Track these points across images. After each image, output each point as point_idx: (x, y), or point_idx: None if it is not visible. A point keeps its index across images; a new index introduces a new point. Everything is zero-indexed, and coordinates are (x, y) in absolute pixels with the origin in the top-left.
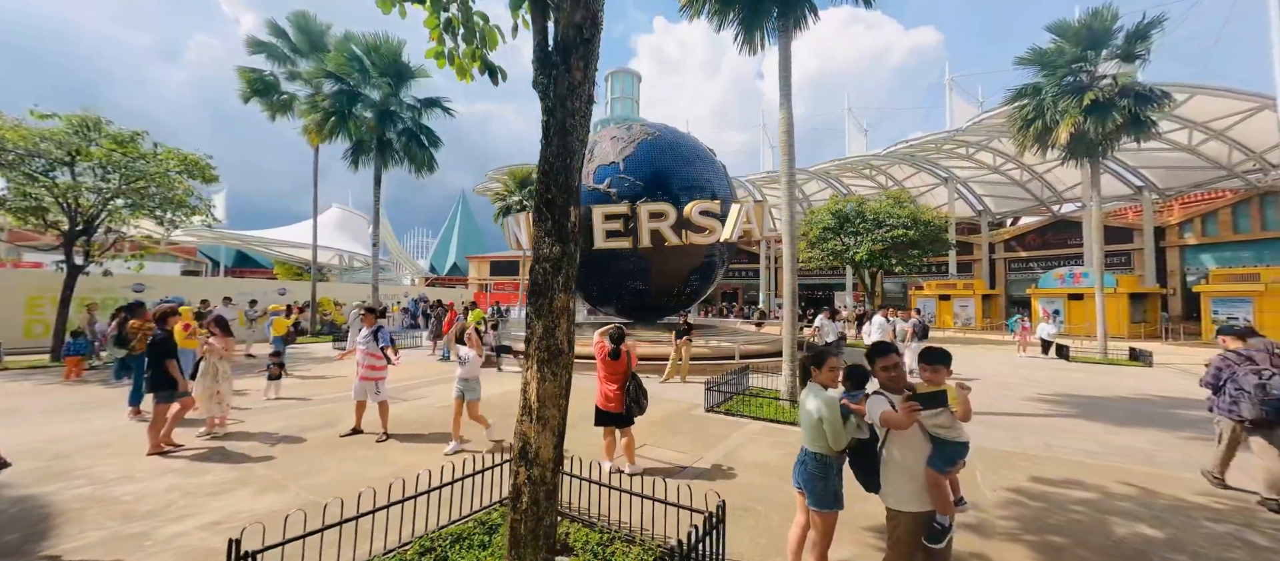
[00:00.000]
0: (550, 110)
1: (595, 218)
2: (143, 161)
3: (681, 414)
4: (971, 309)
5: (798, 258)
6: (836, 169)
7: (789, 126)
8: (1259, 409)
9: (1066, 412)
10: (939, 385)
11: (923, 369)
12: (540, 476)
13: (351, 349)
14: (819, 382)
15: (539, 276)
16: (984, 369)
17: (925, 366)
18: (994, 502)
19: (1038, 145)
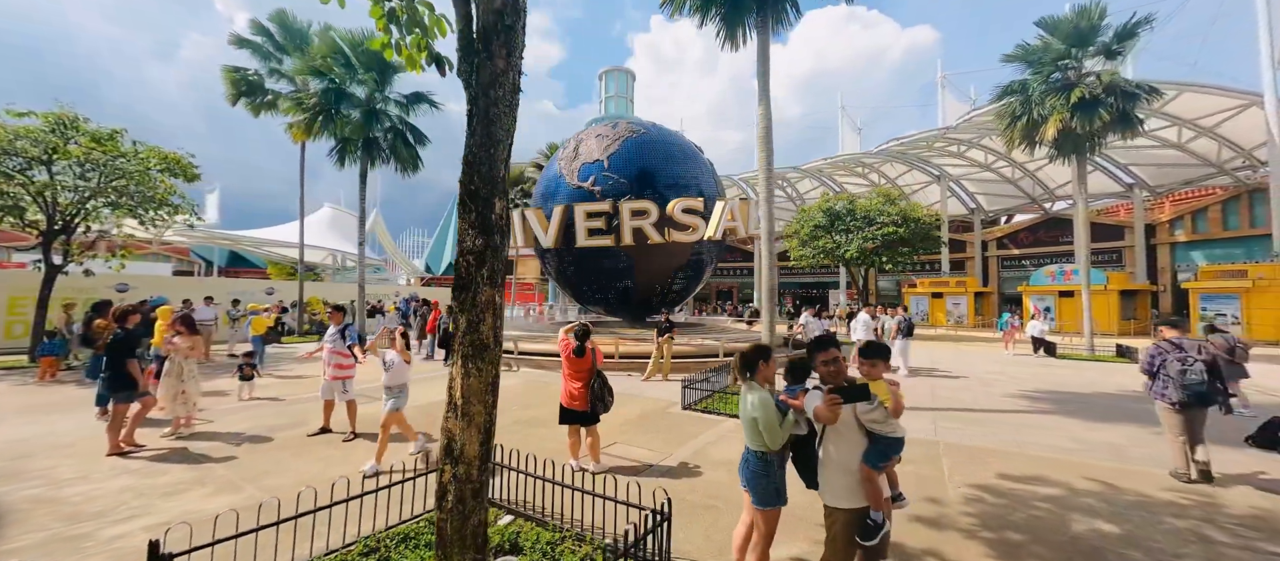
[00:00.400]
0: (473, 99)
1: (577, 215)
2: (123, 160)
3: (658, 411)
4: (964, 307)
5: (775, 255)
6: (829, 167)
7: (767, 124)
8: (1181, 393)
9: (1045, 409)
10: (875, 379)
11: (860, 363)
12: (466, 474)
13: (319, 348)
14: (758, 380)
15: (462, 269)
16: (971, 366)
17: (862, 360)
18: (957, 499)
19: (1025, 142)
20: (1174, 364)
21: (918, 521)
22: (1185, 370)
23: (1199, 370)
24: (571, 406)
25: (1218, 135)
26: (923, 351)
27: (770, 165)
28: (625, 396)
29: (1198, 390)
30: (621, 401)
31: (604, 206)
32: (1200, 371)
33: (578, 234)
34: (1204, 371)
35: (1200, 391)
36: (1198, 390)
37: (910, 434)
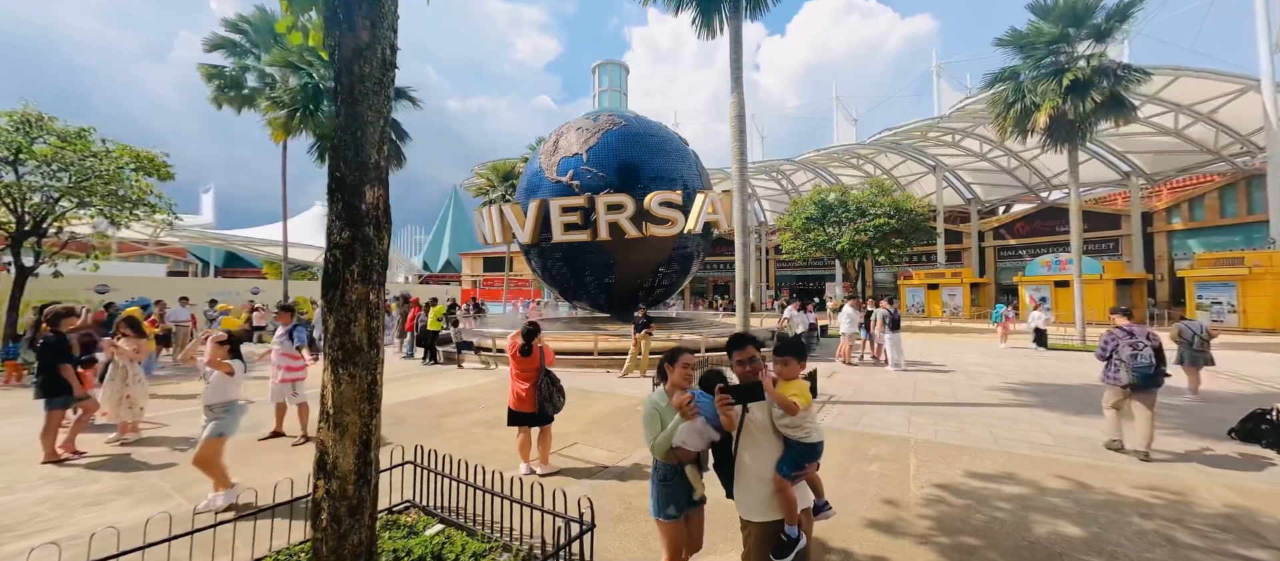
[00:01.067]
0: (337, 75)
1: (553, 210)
2: (93, 159)
3: (627, 410)
4: (960, 298)
5: (750, 247)
6: (822, 159)
7: (740, 112)
8: (1131, 375)
9: (1026, 402)
10: (790, 379)
11: (774, 363)
12: (340, 490)
13: (267, 352)
14: (672, 384)
15: (329, 265)
16: (960, 359)
17: (775, 359)
18: (917, 500)
19: (1017, 130)
20: (1125, 349)
21: (870, 526)
22: (1136, 354)
23: (1148, 355)
24: (519, 408)
25: (1214, 121)
26: (913, 344)
27: (744, 154)
28: (598, 393)
29: (1146, 373)
30: (593, 399)
31: (579, 201)
32: (1149, 356)
33: (554, 228)
34: (1153, 356)
35: (1149, 373)
36: (1146, 373)
37: (881, 430)
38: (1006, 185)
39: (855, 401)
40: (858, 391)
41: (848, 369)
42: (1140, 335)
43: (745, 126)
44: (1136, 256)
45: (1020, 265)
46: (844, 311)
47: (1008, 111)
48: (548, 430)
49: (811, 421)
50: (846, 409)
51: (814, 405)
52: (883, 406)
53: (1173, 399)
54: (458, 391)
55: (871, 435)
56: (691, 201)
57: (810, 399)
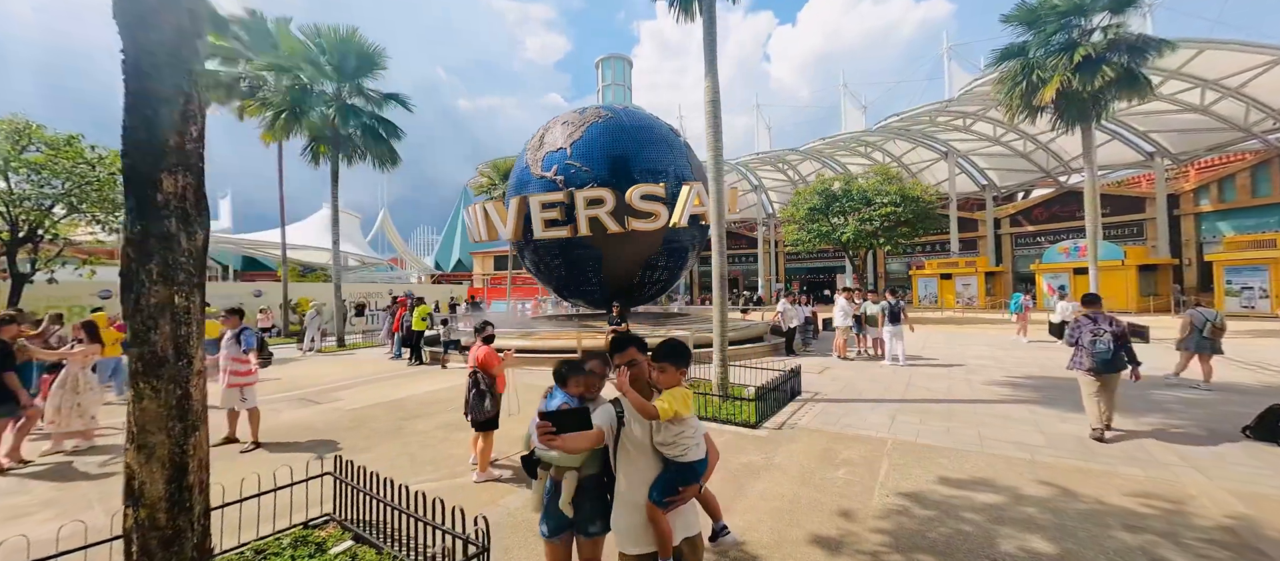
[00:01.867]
0: (124, 47)
1: (533, 206)
2: (85, 166)
3: None
4: (974, 288)
5: (724, 238)
6: (829, 148)
7: (714, 97)
8: (1091, 360)
9: (1025, 398)
10: (670, 386)
11: (651, 367)
12: (149, 519)
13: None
14: (572, 394)
15: (123, 266)
16: (966, 352)
17: (653, 364)
18: (877, 511)
19: (1025, 109)
20: (1087, 335)
21: (814, 543)
22: (1095, 340)
23: (1107, 341)
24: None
25: (1244, 96)
26: (920, 336)
27: (718, 141)
28: None
29: (1105, 358)
30: None
31: (559, 196)
32: (1108, 342)
33: (535, 225)
34: (1112, 342)
35: (1107, 359)
36: (1105, 358)
37: (862, 430)
38: (1023, 170)
39: (840, 399)
40: (845, 388)
41: (842, 364)
42: (1103, 322)
43: (719, 112)
44: (1162, 241)
45: (1038, 253)
46: (836, 304)
47: (1014, 89)
48: (485, 436)
49: (690, 436)
50: (829, 407)
51: (694, 418)
52: (868, 404)
53: (1182, 393)
54: (433, 393)
55: (847, 436)
56: (675, 193)
57: (690, 409)
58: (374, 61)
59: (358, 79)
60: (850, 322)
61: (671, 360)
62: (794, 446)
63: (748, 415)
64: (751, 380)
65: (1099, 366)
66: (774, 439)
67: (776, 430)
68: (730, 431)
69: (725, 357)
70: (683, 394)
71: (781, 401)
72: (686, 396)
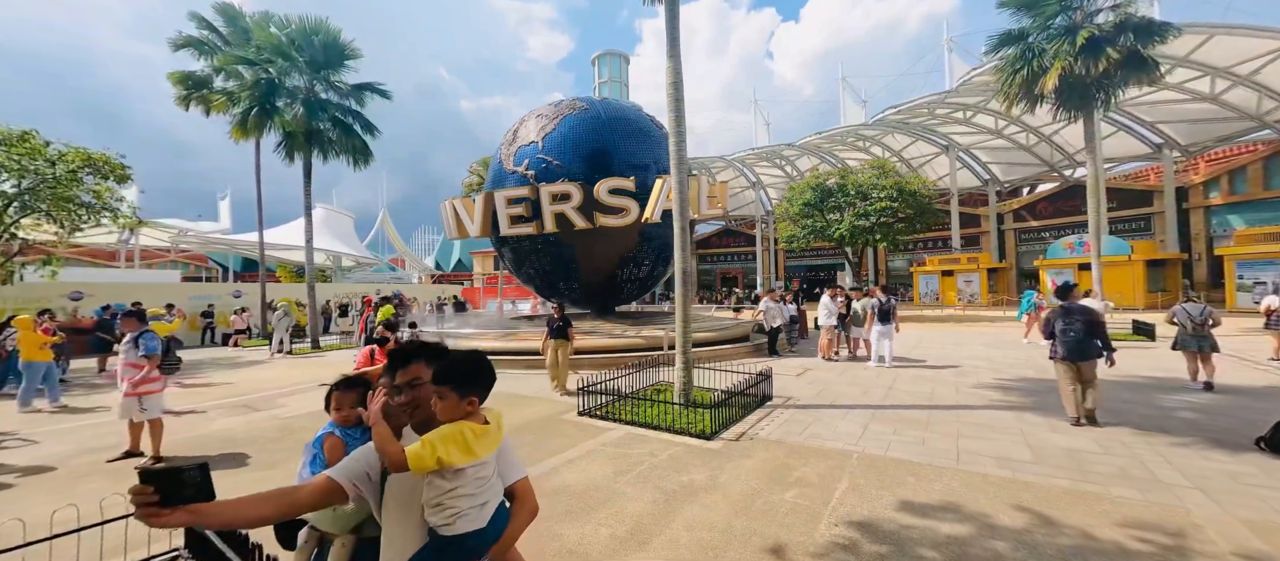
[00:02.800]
0: None
1: (498, 202)
2: (41, 163)
3: (545, 420)
4: (977, 284)
5: (689, 231)
6: (826, 143)
7: (676, 79)
8: (1063, 348)
9: (1016, 404)
10: (450, 419)
11: (433, 395)
12: None
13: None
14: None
15: None
16: (958, 352)
17: (433, 388)
18: (816, 549)
19: (1025, 97)
20: (1060, 324)
21: None
22: (1067, 328)
23: (1079, 328)
24: None
25: (1256, 84)
26: (914, 335)
27: (680, 126)
28: (529, 398)
29: (1074, 346)
30: (518, 405)
31: (525, 192)
32: (1079, 330)
33: (500, 222)
34: (1083, 330)
35: (1080, 346)
36: (1074, 346)
37: (827, 441)
38: (1027, 163)
39: (813, 405)
40: (821, 392)
41: (825, 366)
42: (1075, 312)
43: (682, 95)
44: (1171, 235)
45: (1043, 249)
46: (821, 302)
47: (1013, 77)
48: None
49: (465, 497)
50: (798, 415)
51: (484, 468)
52: (842, 411)
53: (1181, 395)
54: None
55: (809, 449)
56: (648, 188)
57: (472, 455)
58: (344, 53)
59: (328, 71)
60: (834, 322)
61: (454, 383)
62: (746, 462)
63: (703, 425)
64: (723, 384)
65: (1070, 354)
66: (727, 453)
67: (733, 441)
68: (680, 444)
69: (688, 361)
70: (461, 433)
71: (748, 408)
72: (467, 437)
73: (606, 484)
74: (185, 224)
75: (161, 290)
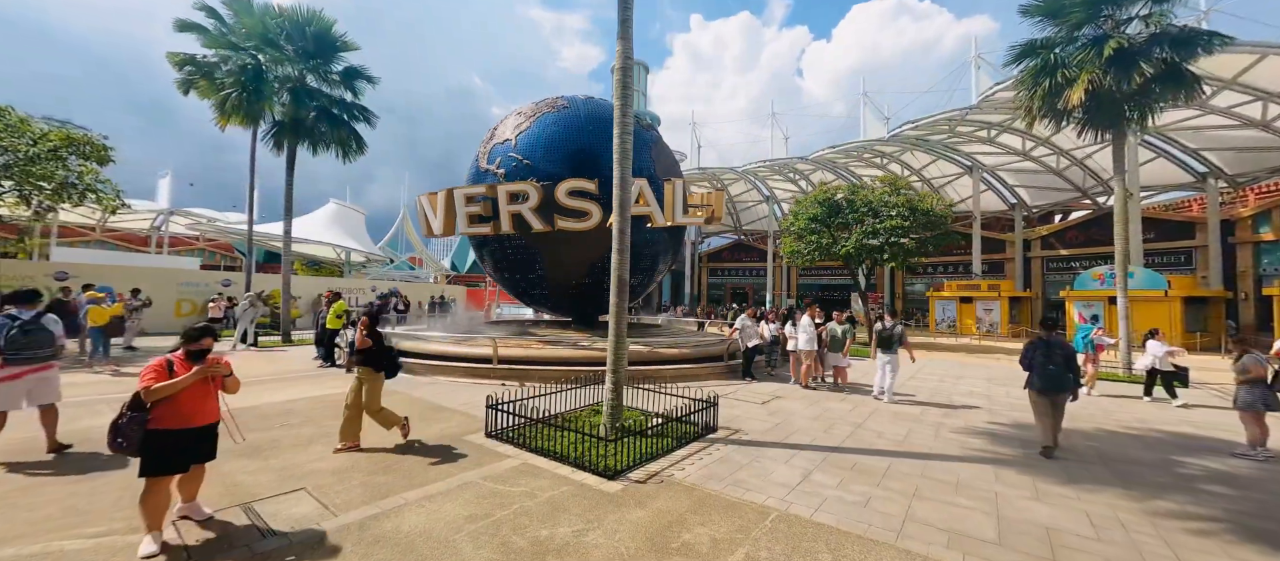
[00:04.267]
0: None
1: (457, 200)
2: (22, 140)
3: (448, 438)
4: (997, 313)
5: (627, 235)
6: (841, 157)
7: (625, 64)
8: (1040, 381)
9: (998, 457)
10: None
11: None
12: None
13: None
14: None
15: None
16: (955, 388)
17: None
18: None
19: (1047, 112)
20: (1040, 356)
21: None
22: (1048, 362)
23: (1058, 362)
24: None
25: None
26: (916, 364)
27: (627, 116)
28: (449, 411)
29: (1053, 378)
30: (435, 418)
31: (482, 190)
32: (1059, 364)
33: (458, 221)
34: (1062, 364)
35: (1057, 380)
36: (1053, 378)
37: (752, 491)
38: (1057, 188)
39: (759, 441)
40: (777, 426)
41: (798, 394)
42: (1055, 346)
43: (631, 80)
44: (1214, 271)
45: (1072, 279)
46: (801, 323)
47: (1035, 90)
48: (151, 486)
49: None
50: (735, 453)
51: None
52: (789, 452)
53: (1209, 459)
54: (308, 399)
55: (723, 501)
56: (658, 192)
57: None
58: (337, 45)
59: (319, 62)
60: (814, 346)
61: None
62: (636, 513)
63: (610, 461)
64: (669, 409)
65: (1046, 386)
66: (621, 498)
67: (639, 483)
68: (573, 484)
69: (619, 383)
70: None
71: (684, 440)
72: None
73: (444, 535)
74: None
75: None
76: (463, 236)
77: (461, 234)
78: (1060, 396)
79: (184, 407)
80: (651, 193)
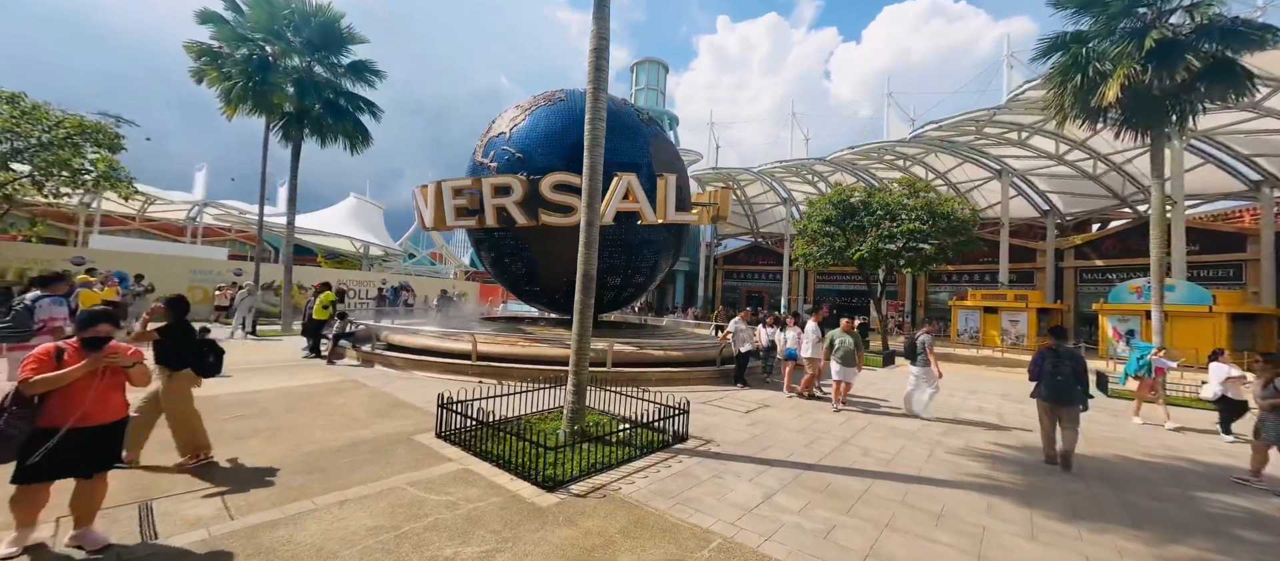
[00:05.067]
0: None
1: (445, 193)
2: (26, 124)
3: (394, 438)
4: (1024, 325)
5: (596, 227)
6: (861, 158)
7: (599, 44)
8: (1046, 390)
9: (995, 483)
10: None
11: None
12: None
13: None
14: None
15: None
16: (966, 402)
17: None
18: None
19: (1080, 111)
20: (1047, 366)
21: None
22: (1056, 372)
23: (1066, 373)
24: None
25: None
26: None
27: (599, 100)
28: (405, 409)
29: (1060, 389)
30: (393, 413)
31: (468, 183)
32: (1067, 375)
33: (446, 214)
34: (1069, 376)
35: (1064, 391)
36: (1060, 389)
37: (699, 513)
38: (1093, 195)
39: (729, 454)
40: (755, 438)
41: (788, 404)
42: (1064, 357)
43: (605, 63)
44: (1267, 287)
45: (1107, 291)
46: (807, 328)
47: (1066, 86)
48: (20, 494)
49: None
50: (698, 466)
51: None
52: (758, 468)
53: (1254, 502)
54: (255, 394)
55: (663, 523)
56: (651, 188)
57: None
58: (343, 37)
59: (325, 54)
60: (816, 354)
61: None
62: (562, 534)
63: (553, 470)
64: (642, 414)
65: (1052, 396)
66: (552, 514)
67: (578, 497)
68: (505, 494)
69: (582, 385)
70: None
71: (647, 448)
72: None
73: (334, 550)
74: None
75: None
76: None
77: (450, 227)
78: (1067, 408)
79: (77, 402)
80: (641, 188)
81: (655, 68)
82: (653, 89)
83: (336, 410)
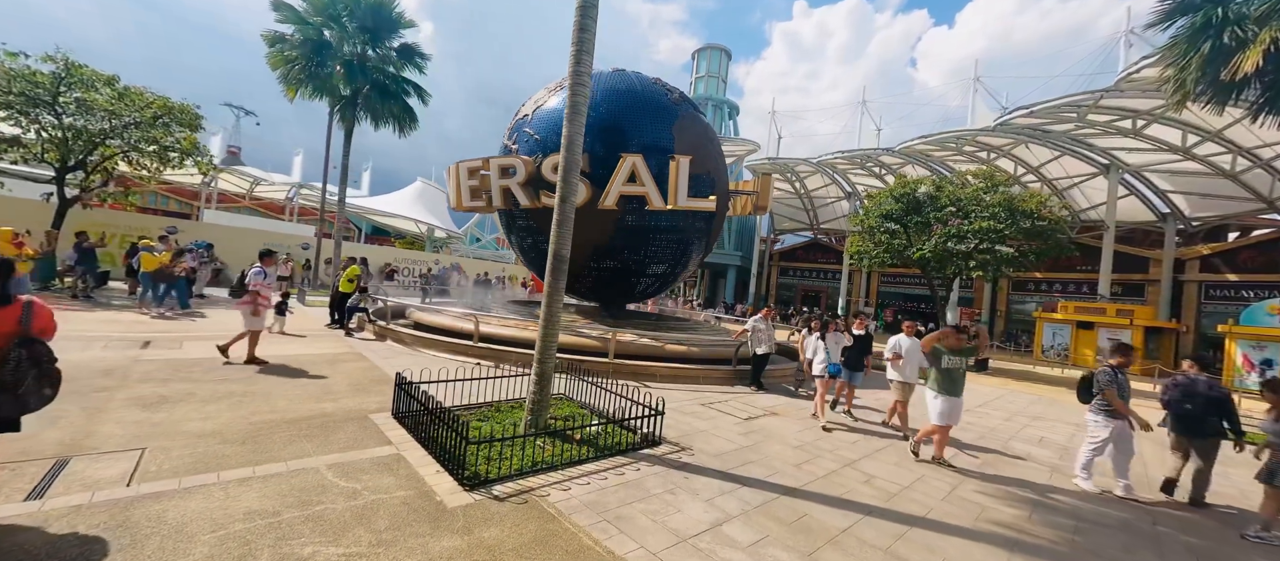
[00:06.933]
0: None
1: (461, 174)
2: (120, 105)
3: (346, 413)
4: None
5: (571, 209)
6: (935, 149)
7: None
8: (1174, 421)
9: (1022, 538)
10: None
11: None
12: None
13: None
14: None
15: None
16: (1026, 429)
17: None
18: None
19: (1209, 89)
20: (1177, 395)
21: None
22: (1183, 401)
23: (1199, 406)
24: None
25: None
26: (988, 392)
27: (583, 60)
28: (377, 383)
29: (1192, 422)
30: (368, 390)
31: (479, 164)
32: (1199, 407)
33: (461, 195)
34: (1202, 408)
35: (1196, 424)
36: (1192, 422)
37: (623, 536)
38: (1229, 195)
39: (700, 466)
40: (739, 451)
41: (801, 415)
42: (1201, 386)
43: (592, 22)
44: None
45: (1240, 311)
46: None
47: (1190, 56)
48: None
49: None
50: (656, 477)
51: None
52: (730, 485)
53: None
54: (266, 356)
55: (575, 543)
56: (707, 180)
57: None
58: (394, 22)
59: (377, 37)
60: (826, 359)
61: None
62: (448, 544)
63: (483, 467)
64: (620, 412)
65: (1182, 429)
66: (449, 519)
67: (495, 501)
68: (411, 492)
69: (546, 375)
70: None
71: (611, 450)
72: None
73: (194, 531)
74: (332, 188)
75: (236, 234)
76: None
77: (466, 208)
78: (1198, 442)
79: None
80: (647, 170)
81: (717, 54)
82: (713, 76)
83: (316, 382)
